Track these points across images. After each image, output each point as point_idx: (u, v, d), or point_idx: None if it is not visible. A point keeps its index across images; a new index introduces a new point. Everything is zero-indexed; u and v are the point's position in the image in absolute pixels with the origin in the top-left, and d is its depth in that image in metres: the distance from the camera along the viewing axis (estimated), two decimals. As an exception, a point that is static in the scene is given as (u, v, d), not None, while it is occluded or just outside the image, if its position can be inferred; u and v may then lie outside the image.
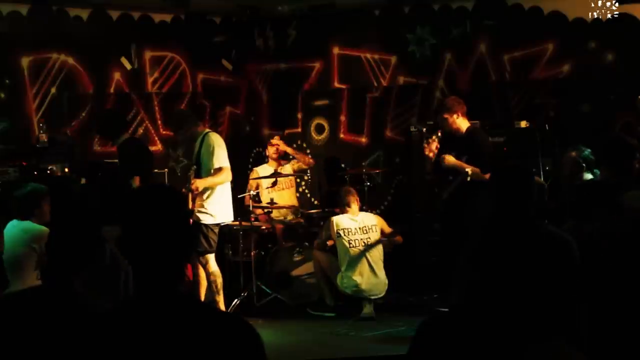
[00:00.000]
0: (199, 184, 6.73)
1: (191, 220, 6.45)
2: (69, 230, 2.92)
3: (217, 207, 6.87)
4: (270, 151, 8.46)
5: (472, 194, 6.39)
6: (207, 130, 7.07)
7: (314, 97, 9.52)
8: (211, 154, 6.77)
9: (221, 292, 6.86)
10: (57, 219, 5.07)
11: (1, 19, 7.55)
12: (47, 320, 2.63)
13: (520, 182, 3.52)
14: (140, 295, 2.01)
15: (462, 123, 6.64)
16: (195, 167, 6.94)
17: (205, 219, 6.80)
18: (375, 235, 7.28)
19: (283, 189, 8.38)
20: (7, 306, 2.72)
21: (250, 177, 8.43)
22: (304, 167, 8.62)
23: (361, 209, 7.56)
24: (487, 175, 6.20)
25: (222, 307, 6.82)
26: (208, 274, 6.83)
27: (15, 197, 5.20)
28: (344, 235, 7.18)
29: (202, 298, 6.92)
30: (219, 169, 6.79)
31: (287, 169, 8.46)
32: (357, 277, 7.08)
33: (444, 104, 6.89)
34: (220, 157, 6.83)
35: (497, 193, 3.54)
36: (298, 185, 8.74)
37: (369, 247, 7.19)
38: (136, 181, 6.51)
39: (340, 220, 7.27)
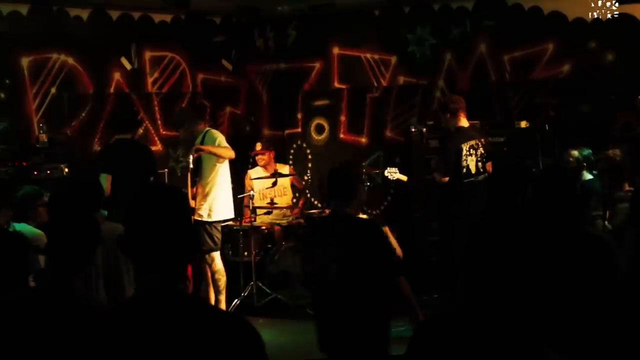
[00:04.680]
0: (204, 148, 6.80)
1: (193, 219, 6.46)
2: (69, 230, 2.92)
3: (219, 205, 6.89)
4: (261, 162, 8.38)
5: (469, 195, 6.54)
6: (208, 128, 7.10)
7: (314, 97, 9.53)
8: (214, 142, 6.83)
9: (224, 292, 6.89)
10: (57, 219, 5.06)
11: (1, 19, 7.54)
12: (50, 320, 2.63)
13: (563, 184, 3.45)
14: (142, 294, 2.01)
15: (449, 123, 6.74)
16: (192, 167, 6.92)
17: (207, 217, 6.82)
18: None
19: (277, 195, 8.35)
20: (8, 307, 2.72)
21: (245, 179, 8.39)
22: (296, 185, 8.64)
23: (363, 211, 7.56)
24: (445, 179, 6.53)
25: (224, 306, 6.83)
26: (213, 273, 6.86)
27: None
28: None
29: (211, 297, 6.92)
30: (225, 147, 6.90)
31: (285, 170, 8.44)
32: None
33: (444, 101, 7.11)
34: (224, 141, 6.93)
35: (540, 196, 3.46)
36: (294, 189, 8.71)
37: None
38: (107, 180, 6.30)
39: None
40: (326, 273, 3.99)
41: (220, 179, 6.97)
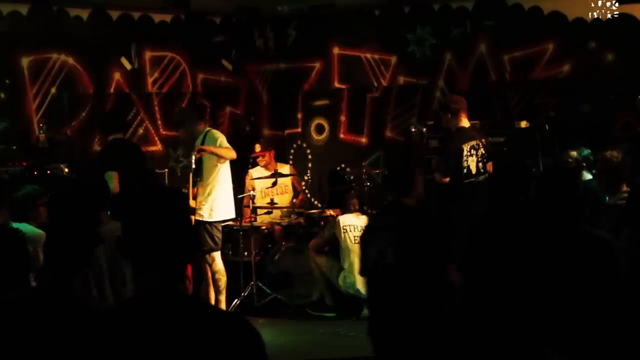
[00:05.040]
0: (206, 148, 6.77)
1: (194, 219, 6.45)
2: (68, 231, 2.91)
3: (220, 205, 6.89)
4: (261, 163, 8.36)
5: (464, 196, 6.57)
6: (209, 128, 7.10)
7: (314, 97, 9.53)
8: (215, 143, 6.83)
9: (224, 292, 6.89)
10: (56, 220, 5.06)
11: (1, 19, 7.55)
12: (48, 320, 2.63)
13: (567, 184, 3.44)
14: (141, 294, 2.02)
15: (450, 123, 6.75)
16: (194, 167, 6.92)
17: (208, 217, 6.82)
18: None
19: (278, 194, 8.36)
20: (6, 308, 2.72)
21: (247, 179, 8.40)
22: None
23: (361, 210, 7.56)
24: (446, 179, 6.54)
25: (224, 306, 6.83)
26: (213, 273, 6.86)
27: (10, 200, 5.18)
28: (350, 230, 7.20)
29: (212, 297, 6.92)
30: (226, 147, 6.86)
31: (286, 169, 8.44)
32: (358, 275, 7.07)
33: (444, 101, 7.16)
34: (225, 142, 6.90)
35: (544, 196, 3.45)
36: (294, 188, 8.71)
37: None
38: (114, 177, 6.40)
39: (346, 218, 7.31)
40: (383, 260, 4.11)
41: (222, 179, 6.97)
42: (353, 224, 7.26)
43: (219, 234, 6.92)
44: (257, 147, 8.40)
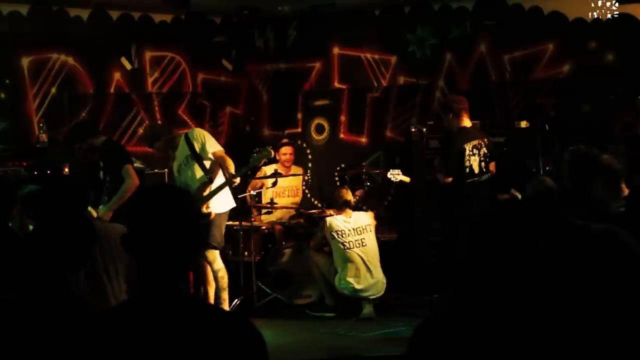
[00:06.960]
0: (210, 208, 6.68)
1: (213, 214, 6.43)
2: (65, 230, 2.90)
3: (222, 196, 6.85)
4: (283, 158, 8.33)
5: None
6: (182, 132, 7.06)
7: (314, 97, 9.53)
8: (204, 143, 6.77)
9: (227, 290, 6.88)
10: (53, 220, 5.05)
11: (1, 19, 7.56)
12: (48, 321, 2.62)
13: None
14: (143, 293, 2.01)
15: (452, 123, 6.74)
16: (197, 165, 6.89)
17: (216, 209, 6.76)
18: (370, 235, 7.25)
19: (288, 196, 8.36)
20: (5, 308, 2.71)
21: (257, 176, 8.38)
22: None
23: (360, 209, 7.55)
24: (448, 179, 6.52)
25: (227, 304, 6.82)
26: (215, 272, 6.85)
27: None
28: (338, 237, 7.14)
29: (211, 298, 6.91)
30: (220, 156, 6.76)
31: (299, 172, 8.42)
32: (353, 279, 7.05)
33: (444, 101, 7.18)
34: (213, 142, 6.80)
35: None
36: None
37: (364, 247, 7.17)
38: (131, 169, 6.41)
39: (334, 222, 7.22)
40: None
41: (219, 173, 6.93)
42: (341, 229, 7.17)
43: (224, 222, 6.86)
44: (286, 148, 8.34)
